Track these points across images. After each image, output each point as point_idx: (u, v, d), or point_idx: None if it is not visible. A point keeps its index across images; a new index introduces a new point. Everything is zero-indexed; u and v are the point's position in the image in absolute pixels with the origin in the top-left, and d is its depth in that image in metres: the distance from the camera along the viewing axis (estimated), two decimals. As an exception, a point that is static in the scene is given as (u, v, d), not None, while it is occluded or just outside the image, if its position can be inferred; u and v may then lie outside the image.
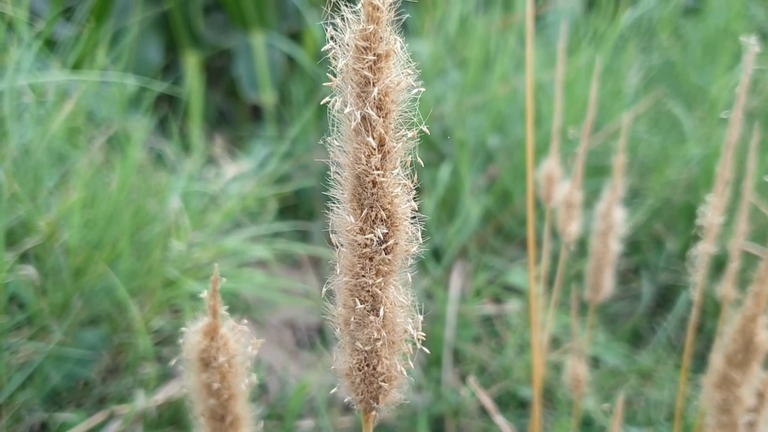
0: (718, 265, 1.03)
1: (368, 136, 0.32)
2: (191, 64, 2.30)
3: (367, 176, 0.33)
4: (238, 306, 1.27)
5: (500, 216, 1.41)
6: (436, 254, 1.35)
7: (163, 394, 1.09)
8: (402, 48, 0.32)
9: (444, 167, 1.42)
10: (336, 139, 0.33)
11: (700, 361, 1.18)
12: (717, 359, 0.65)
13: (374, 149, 0.32)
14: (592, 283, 0.81)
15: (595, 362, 1.30)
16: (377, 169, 0.32)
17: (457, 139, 1.49)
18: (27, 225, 1.10)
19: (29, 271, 1.07)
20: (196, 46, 2.32)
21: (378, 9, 0.30)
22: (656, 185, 1.42)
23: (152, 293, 1.13)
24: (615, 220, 0.79)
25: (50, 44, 1.90)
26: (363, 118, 0.32)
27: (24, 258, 1.10)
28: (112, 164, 1.34)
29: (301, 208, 1.71)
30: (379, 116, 0.32)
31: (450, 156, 1.50)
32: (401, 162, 0.33)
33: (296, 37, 2.53)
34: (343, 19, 0.31)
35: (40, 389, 1.04)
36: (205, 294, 0.49)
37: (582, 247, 1.09)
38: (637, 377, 1.25)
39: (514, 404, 1.16)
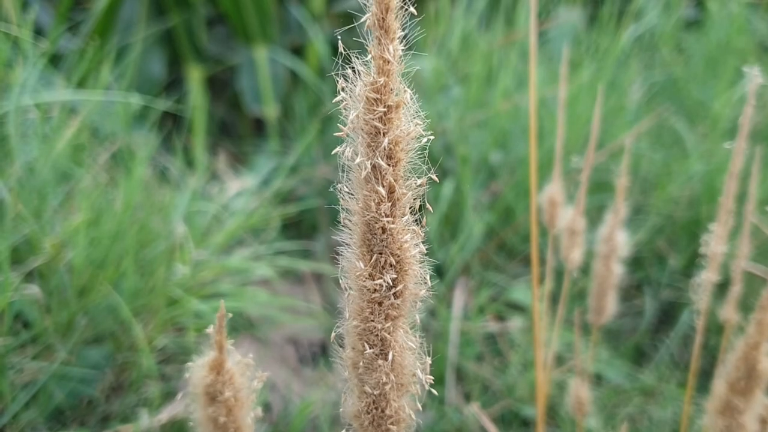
0: (722, 284, 1.04)
1: (378, 185, 0.32)
2: (194, 78, 2.31)
3: (376, 223, 0.33)
4: (241, 324, 1.27)
5: (503, 233, 1.41)
6: (439, 271, 1.36)
7: (166, 413, 1.09)
8: (412, 98, 0.32)
9: (447, 184, 1.42)
10: (346, 186, 0.34)
11: (704, 378, 1.18)
12: (720, 386, 0.65)
13: (384, 197, 0.32)
14: (595, 306, 0.82)
15: (597, 379, 1.30)
16: (387, 216, 0.33)
17: (460, 155, 1.50)
18: (31, 243, 1.11)
19: (34, 290, 1.07)
20: (199, 59, 2.33)
21: (388, 62, 0.31)
22: (659, 202, 1.43)
23: (156, 312, 1.13)
24: (617, 244, 0.79)
25: (55, 58, 1.91)
26: (373, 167, 0.32)
27: (28, 276, 1.10)
28: (116, 181, 1.34)
29: (303, 222, 1.71)
30: (389, 165, 0.32)
31: (452, 172, 1.51)
32: (410, 208, 0.34)
33: (299, 50, 2.54)
34: (354, 71, 0.31)
35: (44, 408, 1.04)
36: (211, 329, 0.49)
37: (585, 262, 1.10)
38: (640, 395, 1.25)
39: (517, 423, 1.16)
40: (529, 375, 1.18)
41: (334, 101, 0.32)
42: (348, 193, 0.34)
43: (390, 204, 0.33)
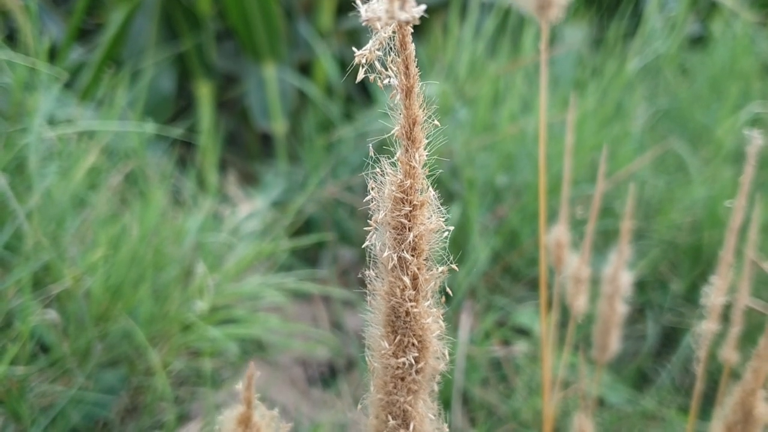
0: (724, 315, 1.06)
1: (404, 274, 0.35)
2: (204, 94, 2.34)
3: (401, 307, 0.36)
4: (251, 347, 1.30)
5: (508, 257, 1.44)
6: (445, 294, 1.38)
7: (180, 436, 1.13)
8: (434, 196, 0.35)
9: (454, 208, 1.45)
10: (373, 270, 0.37)
11: (705, 401, 1.20)
12: (717, 428, 0.68)
13: (408, 286, 0.35)
14: (599, 344, 0.85)
15: (600, 403, 1.33)
16: (410, 301, 0.36)
17: (466, 178, 1.53)
18: (49, 269, 1.14)
19: (52, 315, 1.10)
20: (209, 75, 2.37)
21: (414, 168, 0.34)
22: (661, 227, 1.45)
23: (170, 337, 1.16)
24: (621, 284, 0.82)
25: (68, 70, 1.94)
26: (399, 258, 0.35)
27: (45, 300, 1.13)
28: (130, 204, 1.37)
29: (310, 237, 1.73)
30: (413, 257, 0.35)
31: (458, 195, 1.54)
32: (432, 293, 0.37)
33: (307, 66, 2.57)
34: (382, 172, 0.34)
35: (61, 431, 1.07)
36: (240, 385, 0.52)
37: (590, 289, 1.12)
38: (642, 419, 1.28)
39: (521, 447, 1.19)
40: (534, 400, 1.21)
41: (365, 200, 0.35)
42: (375, 278, 0.37)
43: (414, 291, 0.36)
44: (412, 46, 0.31)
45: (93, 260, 1.01)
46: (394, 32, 0.30)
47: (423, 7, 0.26)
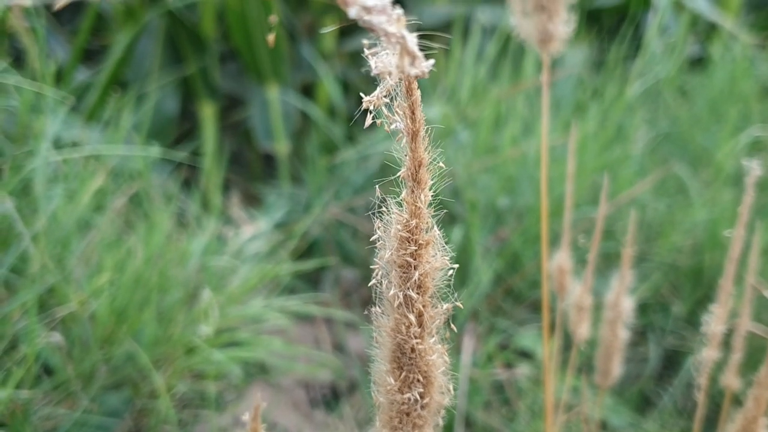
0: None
1: (409, 312, 0.36)
2: (207, 115, 2.36)
3: (406, 344, 0.37)
4: (254, 370, 1.31)
5: (510, 279, 1.44)
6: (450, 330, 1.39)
7: (183, 460, 1.13)
8: (439, 235, 0.36)
9: (456, 230, 1.46)
10: (379, 307, 0.38)
11: (707, 424, 1.20)
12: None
13: (414, 323, 0.36)
14: (601, 370, 0.85)
15: (603, 425, 1.33)
16: (416, 338, 0.37)
17: (468, 200, 1.54)
18: (55, 291, 1.15)
19: (57, 338, 1.11)
20: (212, 96, 2.38)
21: (419, 208, 0.35)
22: (662, 250, 1.46)
23: (174, 360, 1.17)
24: (623, 310, 0.83)
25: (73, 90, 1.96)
26: (405, 296, 0.36)
27: (51, 323, 1.14)
28: (135, 225, 1.38)
29: (312, 256, 1.74)
30: (418, 294, 0.36)
31: (461, 217, 1.54)
32: (437, 330, 0.37)
33: (310, 88, 2.59)
34: (387, 211, 0.35)
35: (64, 454, 1.08)
36: (246, 416, 0.52)
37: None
38: (645, 442, 1.28)
39: (524, 471, 1.19)
40: (537, 423, 1.21)
41: (371, 239, 0.36)
42: (381, 314, 0.38)
43: (419, 328, 0.36)
44: (417, 93, 0.32)
45: (99, 284, 1.02)
46: (400, 79, 0.31)
47: (432, 62, 0.27)
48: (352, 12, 0.24)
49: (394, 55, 0.26)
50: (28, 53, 2.29)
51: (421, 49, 0.27)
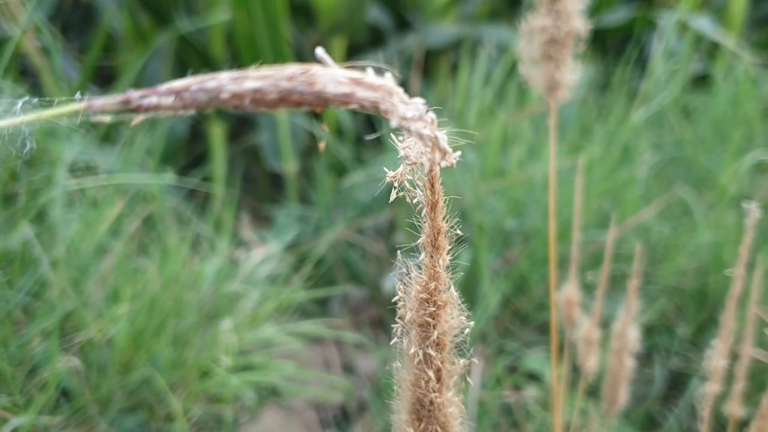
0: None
1: (428, 368, 0.39)
2: (216, 135, 2.39)
3: (425, 397, 0.39)
4: (265, 392, 1.33)
5: (518, 302, 1.47)
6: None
7: (198, 482, 1.15)
8: (457, 296, 0.39)
9: (464, 253, 1.48)
10: (399, 362, 0.40)
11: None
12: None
13: (432, 379, 0.39)
14: (608, 397, 0.87)
15: (609, 446, 1.35)
16: (434, 392, 0.39)
17: (476, 222, 1.56)
18: (72, 317, 1.18)
19: (75, 362, 1.14)
20: (221, 116, 2.42)
21: (438, 272, 0.37)
22: (667, 273, 1.48)
23: (189, 383, 1.19)
24: (629, 340, 0.85)
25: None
26: (424, 354, 0.38)
27: (69, 347, 1.17)
28: (149, 249, 1.41)
29: (320, 277, 1.77)
30: (437, 352, 0.39)
31: (468, 239, 1.57)
32: (454, 384, 0.40)
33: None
34: (408, 274, 0.38)
35: (82, 477, 1.10)
36: None
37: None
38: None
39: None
40: (544, 446, 1.23)
41: (393, 300, 0.38)
42: (401, 368, 0.40)
43: (438, 383, 0.39)
44: (437, 168, 0.35)
45: (118, 314, 1.05)
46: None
47: (459, 153, 0.30)
48: (394, 122, 0.27)
49: (425, 148, 0.29)
50: (40, 74, 2.33)
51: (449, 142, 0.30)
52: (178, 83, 0.25)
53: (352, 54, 2.78)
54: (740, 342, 0.85)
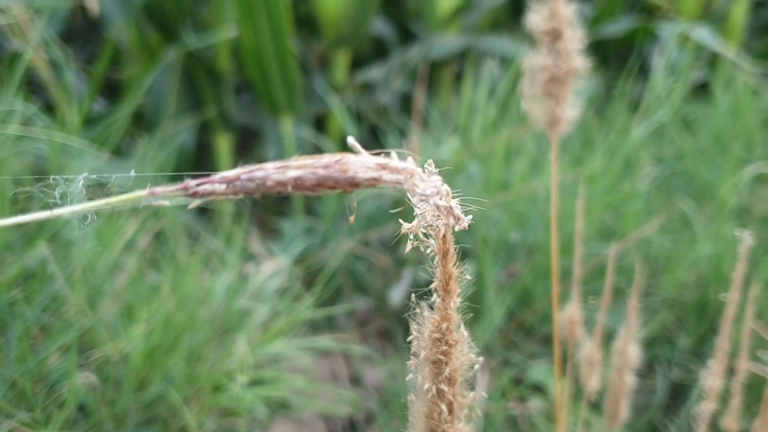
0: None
1: (441, 402, 0.42)
2: (222, 147, 2.43)
3: (438, 428, 0.43)
4: (275, 405, 1.36)
5: (522, 315, 1.50)
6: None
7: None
8: (467, 336, 0.42)
9: (468, 266, 1.51)
10: (413, 394, 0.43)
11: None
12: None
13: (444, 411, 0.42)
14: (609, 413, 0.90)
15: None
16: (446, 423, 0.42)
17: (480, 235, 1.59)
18: (88, 333, 1.21)
19: (91, 379, 1.17)
20: (228, 128, 2.45)
21: (450, 313, 0.41)
22: (668, 285, 1.51)
23: (202, 397, 1.23)
24: (630, 357, 0.88)
25: (90, 122, 2.04)
26: (437, 389, 0.42)
27: (85, 364, 1.20)
28: (161, 265, 1.44)
29: (327, 289, 1.80)
30: (449, 387, 0.42)
31: (472, 252, 1.60)
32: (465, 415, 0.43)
33: (322, 118, 2.66)
34: (421, 314, 0.41)
35: (99, 490, 1.14)
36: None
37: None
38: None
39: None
40: (549, 457, 1.26)
41: (408, 339, 0.42)
42: (415, 401, 0.43)
43: (450, 415, 0.42)
44: (449, 219, 0.38)
45: (135, 334, 1.08)
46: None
47: (470, 217, 0.33)
48: (415, 200, 0.30)
49: (438, 215, 0.32)
50: (48, 87, 2.37)
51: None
52: (229, 173, 0.29)
53: (357, 65, 2.81)
54: (737, 357, 0.88)
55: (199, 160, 2.54)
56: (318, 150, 2.50)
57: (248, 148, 2.67)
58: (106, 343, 1.15)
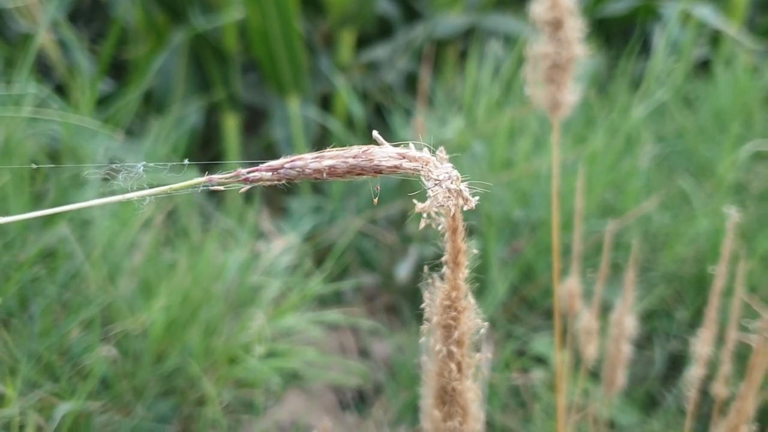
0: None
1: (451, 362, 0.47)
2: (230, 126, 2.47)
3: (448, 385, 0.47)
4: (287, 376, 1.42)
5: (525, 289, 1.54)
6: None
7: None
8: (474, 303, 0.47)
9: (472, 242, 1.56)
10: (426, 356, 0.48)
11: (706, 423, 1.30)
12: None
13: (454, 370, 0.47)
14: (607, 380, 0.96)
15: (611, 424, 1.43)
16: (456, 381, 0.47)
17: (484, 213, 1.64)
18: (109, 309, 1.26)
19: (112, 352, 1.22)
20: (234, 107, 2.49)
21: (458, 283, 0.45)
22: (666, 260, 1.56)
23: (217, 369, 1.28)
24: (626, 328, 0.93)
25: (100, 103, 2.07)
26: (448, 351, 0.46)
27: (105, 338, 1.26)
28: (176, 244, 1.49)
29: (335, 266, 1.85)
30: (458, 348, 0.46)
31: (477, 230, 1.65)
32: (472, 373, 0.48)
33: (328, 98, 2.70)
34: (433, 284, 0.46)
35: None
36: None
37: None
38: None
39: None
40: (551, 424, 1.31)
41: (421, 306, 0.46)
42: (428, 361, 0.48)
43: (459, 373, 0.47)
44: (458, 200, 0.43)
45: (154, 309, 1.13)
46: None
47: (477, 198, 0.38)
48: (429, 184, 0.35)
49: (449, 196, 0.37)
50: (57, 67, 2.40)
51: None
52: (274, 162, 0.34)
53: (362, 45, 2.84)
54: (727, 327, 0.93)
55: (206, 140, 2.58)
56: (325, 130, 2.54)
57: (255, 128, 2.71)
58: (126, 317, 1.20)
